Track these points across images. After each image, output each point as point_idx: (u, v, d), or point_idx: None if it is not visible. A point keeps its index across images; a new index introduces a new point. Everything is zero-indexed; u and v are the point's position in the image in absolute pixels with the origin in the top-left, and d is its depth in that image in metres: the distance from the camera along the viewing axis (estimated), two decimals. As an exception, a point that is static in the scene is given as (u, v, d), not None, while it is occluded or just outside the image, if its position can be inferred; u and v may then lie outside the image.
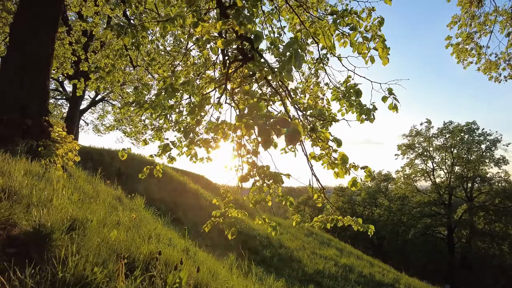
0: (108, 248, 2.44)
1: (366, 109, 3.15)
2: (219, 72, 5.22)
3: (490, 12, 6.18)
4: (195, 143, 3.91)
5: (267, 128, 1.71)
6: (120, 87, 10.20)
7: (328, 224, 3.53)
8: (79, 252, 1.98)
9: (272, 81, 3.02)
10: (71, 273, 1.71)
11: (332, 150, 3.09)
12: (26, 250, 1.95)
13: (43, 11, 6.88)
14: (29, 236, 2.07)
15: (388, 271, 17.25)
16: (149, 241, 3.21)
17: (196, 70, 5.36)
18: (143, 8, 7.90)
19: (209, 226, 3.87)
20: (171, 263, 2.91)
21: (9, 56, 6.80)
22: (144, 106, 4.76)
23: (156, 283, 2.31)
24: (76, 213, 2.72)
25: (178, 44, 8.75)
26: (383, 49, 2.88)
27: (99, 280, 1.84)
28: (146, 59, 8.44)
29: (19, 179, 2.95)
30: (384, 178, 39.25)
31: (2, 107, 6.44)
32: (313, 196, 3.52)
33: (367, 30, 3.22)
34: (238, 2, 2.48)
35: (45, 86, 7.22)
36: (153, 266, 2.64)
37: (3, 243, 1.93)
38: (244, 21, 2.08)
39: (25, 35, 6.84)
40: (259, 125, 1.73)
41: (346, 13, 3.00)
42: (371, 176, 3.15)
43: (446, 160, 34.26)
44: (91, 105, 27.26)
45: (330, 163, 3.10)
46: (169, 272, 2.43)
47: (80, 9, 9.32)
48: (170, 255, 3.09)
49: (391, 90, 2.98)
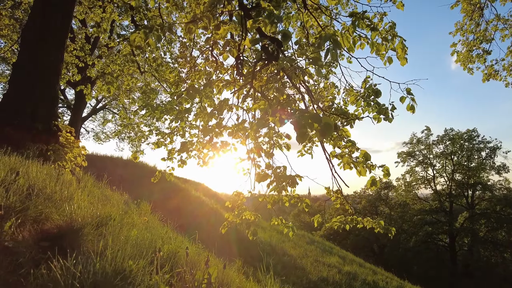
0: (133, 244, 2.45)
1: (385, 109, 3.19)
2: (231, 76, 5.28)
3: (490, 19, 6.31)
4: (213, 145, 3.94)
5: (303, 123, 1.75)
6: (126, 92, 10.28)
7: (347, 226, 3.54)
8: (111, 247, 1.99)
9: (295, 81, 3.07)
10: (110, 264, 1.71)
11: (355, 148, 3.13)
12: (59, 243, 1.96)
13: (54, 18, 6.99)
14: (62, 229, 2.08)
15: (391, 279, 17.15)
16: (169, 241, 3.21)
17: (208, 75, 5.43)
18: (151, 15, 8.02)
19: (225, 228, 3.87)
20: (191, 262, 2.92)
21: (20, 62, 6.87)
22: (158, 109, 4.80)
23: (186, 278, 2.31)
24: (99, 212, 2.73)
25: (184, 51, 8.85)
26: (402, 49, 2.95)
27: (135, 272, 1.84)
28: (153, 65, 8.53)
29: (42, 179, 2.96)
30: (384, 186, 39.21)
31: (13, 112, 6.49)
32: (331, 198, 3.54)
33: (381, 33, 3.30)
34: (263, 4, 2.55)
35: (55, 90, 7.28)
36: (176, 263, 2.65)
37: (37, 237, 1.94)
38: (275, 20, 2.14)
39: (36, 41, 6.92)
40: (296, 119, 1.77)
41: (366, 15, 3.07)
42: (389, 175, 3.18)
43: (446, 167, 34.33)
44: (92, 113, 27.34)
45: (350, 162, 3.13)
46: (194, 270, 2.44)
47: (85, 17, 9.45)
48: (190, 255, 3.10)
49: (409, 90, 3.03)
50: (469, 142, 32.44)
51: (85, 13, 9.68)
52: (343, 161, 3.19)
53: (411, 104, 3.05)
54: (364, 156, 2.86)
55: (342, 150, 3.25)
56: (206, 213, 16.56)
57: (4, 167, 2.93)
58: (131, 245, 2.50)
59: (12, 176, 2.50)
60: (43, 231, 2.05)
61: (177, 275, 2.39)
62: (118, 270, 1.76)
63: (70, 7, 7.32)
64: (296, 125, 1.76)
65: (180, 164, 5.47)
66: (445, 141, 33.99)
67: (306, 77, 3.96)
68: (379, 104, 3.23)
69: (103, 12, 8.11)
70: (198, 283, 2.25)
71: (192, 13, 4.38)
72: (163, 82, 8.66)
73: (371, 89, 3.25)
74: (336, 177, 3.52)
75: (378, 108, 3.20)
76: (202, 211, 16.70)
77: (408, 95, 3.04)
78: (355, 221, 3.44)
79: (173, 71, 5.64)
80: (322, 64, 1.91)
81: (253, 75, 2.84)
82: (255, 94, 4.32)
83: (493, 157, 31.47)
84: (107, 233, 2.30)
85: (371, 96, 3.25)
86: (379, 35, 3.18)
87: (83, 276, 1.56)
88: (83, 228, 2.15)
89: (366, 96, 3.28)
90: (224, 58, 3.60)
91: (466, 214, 31.74)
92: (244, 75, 4.38)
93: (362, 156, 2.87)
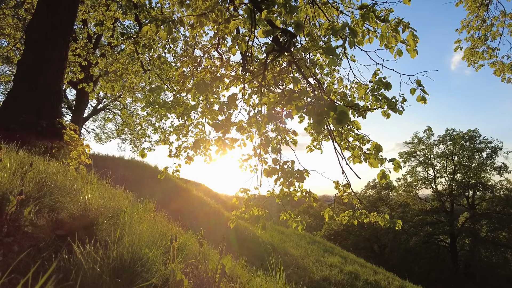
0: (148, 235, 2.45)
1: (394, 102, 3.19)
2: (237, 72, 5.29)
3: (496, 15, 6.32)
4: (223, 141, 3.94)
5: (320, 111, 1.75)
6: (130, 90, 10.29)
7: (355, 221, 3.54)
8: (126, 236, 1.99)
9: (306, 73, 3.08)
10: (128, 252, 1.72)
11: (366, 140, 3.13)
12: (75, 231, 1.96)
13: (58, 16, 7.01)
14: (77, 219, 2.08)
15: (393, 279, 17.14)
16: (178, 235, 3.21)
17: (212, 72, 5.44)
18: (155, 13, 8.03)
19: (234, 222, 3.87)
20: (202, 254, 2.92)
21: (24, 60, 6.88)
22: (166, 105, 4.80)
23: (199, 268, 2.32)
24: (111, 203, 2.74)
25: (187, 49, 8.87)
26: (413, 40, 2.95)
27: (151, 260, 1.84)
28: (156, 63, 8.53)
29: (53, 171, 2.96)
30: (385, 187, 39.20)
31: (18, 109, 6.49)
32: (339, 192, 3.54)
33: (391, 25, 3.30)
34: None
35: (59, 88, 7.29)
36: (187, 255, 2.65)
37: (53, 225, 1.94)
38: (291, 9, 2.15)
39: (40, 39, 6.94)
40: (313, 107, 1.77)
41: (375, 9, 3.08)
42: (400, 167, 3.18)
43: (447, 167, 34.35)
44: (93, 114, 27.38)
45: (360, 156, 3.12)
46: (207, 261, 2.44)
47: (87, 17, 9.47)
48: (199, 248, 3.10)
49: (419, 82, 3.04)
50: (470, 142, 32.48)
51: (87, 13, 9.71)
52: (353, 153, 3.19)
53: (422, 95, 3.05)
54: (376, 147, 2.85)
55: (353, 142, 3.25)
56: (208, 213, 16.56)
57: (15, 160, 2.94)
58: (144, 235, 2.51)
59: (24, 168, 2.50)
60: (59, 220, 2.05)
61: (190, 265, 2.39)
62: (136, 257, 1.76)
63: (74, 5, 7.34)
64: (313, 112, 1.76)
65: (188, 161, 5.47)
66: (446, 141, 34.03)
67: (317, 69, 3.97)
68: (388, 99, 3.24)
69: (106, 10, 8.13)
70: (211, 273, 2.25)
71: (198, 10, 4.38)
72: (167, 81, 8.66)
73: (381, 82, 3.25)
74: (345, 171, 3.52)
75: (388, 101, 3.19)
76: (204, 211, 16.69)
77: (419, 86, 3.04)
78: (364, 215, 3.44)
79: (178, 68, 5.65)
80: (337, 54, 1.91)
81: (265, 66, 2.85)
82: (261, 89, 4.33)
83: (494, 157, 31.52)
84: (120, 224, 2.30)
85: (381, 89, 3.25)
86: (389, 27, 3.18)
87: (103, 261, 1.56)
88: (97, 218, 2.15)
89: (376, 89, 3.28)
90: (233, 53, 3.61)
91: (467, 214, 31.75)
92: (251, 71, 4.39)
93: (374, 148, 2.86)
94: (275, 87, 3.43)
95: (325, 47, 2.06)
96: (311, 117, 1.73)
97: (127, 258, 1.68)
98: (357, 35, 1.96)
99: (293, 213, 4.13)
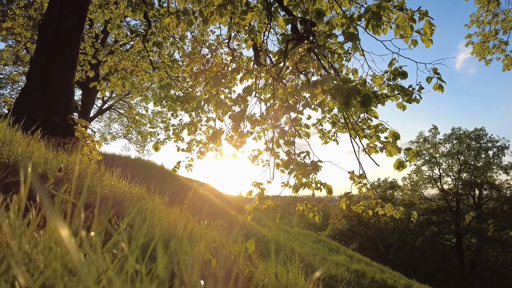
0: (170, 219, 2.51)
1: (411, 90, 3.21)
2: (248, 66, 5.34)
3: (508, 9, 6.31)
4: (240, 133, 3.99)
5: (348, 92, 1.78)
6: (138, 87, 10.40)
7: (370, 211, 3.57)
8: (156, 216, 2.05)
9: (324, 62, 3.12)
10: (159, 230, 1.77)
11: (384, 128, 3.16)
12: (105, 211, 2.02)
13: (70, 14, 7.12)
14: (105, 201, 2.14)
15: (399, 278, 17.09)
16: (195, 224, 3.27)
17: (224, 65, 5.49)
18: (164, 11, 8.11)
19: (251, 215, 3.91)
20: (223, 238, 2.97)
21: (38, 57, 6.99)
22: (178, 100, 4.87)
23: (222, 250, 2.36)
24: (133, 191, 2.79)
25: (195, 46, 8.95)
26: (430, 29, 2.97)
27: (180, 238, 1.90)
28: (166, 61, 8.61)
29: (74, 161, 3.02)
30: (389, 186, 39.06)
31: (31, 105, 6.60)
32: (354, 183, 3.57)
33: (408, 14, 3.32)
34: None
35: (71, 85, 7.40)
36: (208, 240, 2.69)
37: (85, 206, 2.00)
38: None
39: (52, 37, 7.04)
40: (339, 88, 1.81)
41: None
42: (416, 156, 3.19)
43: (453, 166, 34.14)
44: (98, 114, 27.58)
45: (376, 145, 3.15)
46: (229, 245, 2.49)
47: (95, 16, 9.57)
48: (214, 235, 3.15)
49: (436, 70, 3.06)
50: (476, 141, 32.24)
51: (95, 12, 9.81)
52: (371, 142, 3.21)
53: (438, 83, 3.06)
54: (394, 135, 2.87)
55: (371, 131, 3.28)
56: (214, 210, 16.64)
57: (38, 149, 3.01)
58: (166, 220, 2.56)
59: (49, 155, 2.56)
60: (89, 201, 2.11)
61: (214, 248, 2.44)
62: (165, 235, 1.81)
63: (85, 3, 7.44)
64: (340, 94, 1.79)
65: (199, 156, 5.52)
66: (452, 140, 33.81)
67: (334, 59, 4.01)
68: (404, 88, 3.25)
69: (116, 8, 8.22)
70: (234, 257, 2.30)
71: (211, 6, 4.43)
72: (175, 80, 8.74)
73: (397, 71, 3.27)
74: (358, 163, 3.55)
75: (404, 91, 3.21)
76: (211, 209, 16.78)
77: (435, 74, 3.06)
78: (380, 204, 3.46)
79: (189, 65, 5.71)
80: (358, 38, 1.94)
81: (285, 54, 2.88)
82: (274, 83, 4.37)
83: (500, 156, 31.27)
84: (144, 208, 2.36)
85: (397, 79, 3.27)
86: (406, 16, 3.20)
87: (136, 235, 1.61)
88: (124, 202, 2.21)
89: (392, 78, 3.30)
90: (248, 45, 3.64)
91: (473, 213, 31.52)
92: (264, 64, 4.43)
93: (391, 136, 2.89)
94: (297, 73, 3.47)
95: (347, 33, 2.09)
96: (338, 98, 1.77)
97: (160, 237, 1.73)
98: (380, 19, 1.99)
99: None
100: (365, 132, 3.36)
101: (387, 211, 3.84)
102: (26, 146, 2.18)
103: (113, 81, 8.08)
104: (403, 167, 3.10)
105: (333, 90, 1.94)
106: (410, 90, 3.23)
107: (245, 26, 4.02)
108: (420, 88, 3.25)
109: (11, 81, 26.29)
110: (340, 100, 1.77)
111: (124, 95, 23.30)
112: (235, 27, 4.03)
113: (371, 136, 3.26)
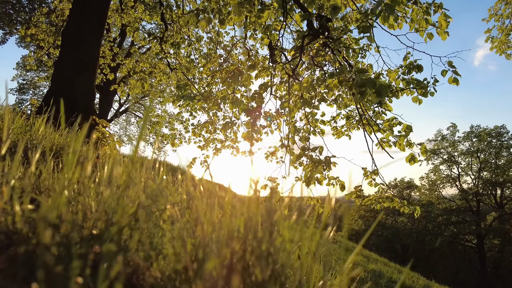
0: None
1: (426, 83, 3.23)
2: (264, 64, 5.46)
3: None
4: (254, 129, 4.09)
5: (363, 83, 1.86)
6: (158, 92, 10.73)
7: (378, 205, 3.60)
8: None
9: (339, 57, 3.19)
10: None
11: (397, 122, 3.20)
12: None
13: (91, 20, 7.45)
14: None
15: (418, 278, 16.80)
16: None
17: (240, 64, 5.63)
18: (181, 13, 8.32)
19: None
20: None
21: (61, 60, 7.34)
22: (196, 98, 5.03)
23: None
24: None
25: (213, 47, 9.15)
26: (445, 21, 2.99)
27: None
28: (182, 62, 8.82)
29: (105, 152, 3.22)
30: (406, 186, 38.34)
31: (56, 106, 6.92)
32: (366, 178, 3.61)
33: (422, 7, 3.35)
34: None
35: (92, 86, 7.72)
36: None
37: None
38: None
39: (75, 41, 7.37)
40: (356, 79, 1.89)
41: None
42: (426, 152, 3.22)
43: (472, 165, 33.19)
44: (114, 117, 28.24)
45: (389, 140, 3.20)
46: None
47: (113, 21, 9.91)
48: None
49: (451, 63, 3.07)
50: (497, 139, 31.24)
51: (112, 16, 10.15)
52: (386, 136, 3.26)
53: (453, 77, 3.08)
54: (407, 128, 2.91)
55: (385, 124, 3.32)
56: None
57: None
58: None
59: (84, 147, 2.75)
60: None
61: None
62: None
63: (105, 8, 7.75)
64: (356, 85, 1.88)
65: (215, 152, 5.68)
66: (471, 138, 32.87)
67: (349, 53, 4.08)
68: (419, 81, 3.28)
69: (135, 12, 8.49)
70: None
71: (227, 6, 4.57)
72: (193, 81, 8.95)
73: (412, 65, 3.30)
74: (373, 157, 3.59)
75: (420, 84, 3.24)
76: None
77: (450, 67, 3.08)
78: (389, 199, 3.49)
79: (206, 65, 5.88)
80: (373, 28, 2.01)
81: (301, 49, 2.98)
82: (289, 80, 4.47)
83: (523, 154, 30.23)
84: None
85: (412, 72, 3.30)
86: (420, 9, 3.23)
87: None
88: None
89: (407, 72, 3.33)
90: (265, 43, 3.75)
91: (494, 214, 30.55)
92: (279, 62, 4.54)
93: (405, 130, 2.93)
94: (313, 67, 3.56)
95: (361, 26, 2.16)
96: (355, 89, 1.85)
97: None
98: (393, 11, 2.05)
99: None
100: (379, 126, 3.40)
101: (395, 205, 3.86)
102: (64, 139, 2.36)
103: (132, 82, 8.36)
104: (415, 161, 3.13)
105: (350, 81, 2.02)
106: (424, 83, 3.25)
107: (261, 25, 4.14)
108: (435, 81, 3.26)
109: (33, 86, 27.35)
110: (356, 90, 1.85)
111: (140, 97, 23.80)
112: (251, 26, 4.15)
113: (385, 130, 3.30)
